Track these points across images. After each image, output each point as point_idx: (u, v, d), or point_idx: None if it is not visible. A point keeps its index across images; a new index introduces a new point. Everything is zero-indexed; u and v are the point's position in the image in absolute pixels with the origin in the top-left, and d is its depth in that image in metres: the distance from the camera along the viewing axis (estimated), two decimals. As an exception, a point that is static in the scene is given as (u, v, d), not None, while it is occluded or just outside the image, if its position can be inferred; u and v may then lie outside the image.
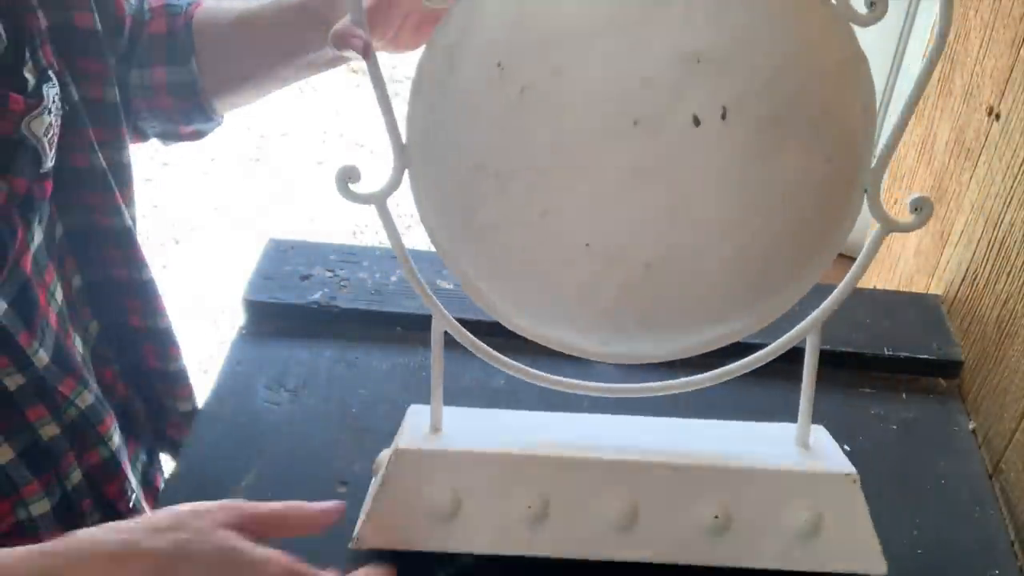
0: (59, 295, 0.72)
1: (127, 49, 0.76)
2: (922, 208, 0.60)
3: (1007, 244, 0.83)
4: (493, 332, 0.68)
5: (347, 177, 0.58)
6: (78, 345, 0.75)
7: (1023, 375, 0.77)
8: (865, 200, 0.60)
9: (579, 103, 0.54)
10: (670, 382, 0.68)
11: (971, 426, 0.83)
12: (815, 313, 0.64)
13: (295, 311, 0.88)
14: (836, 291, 0.64)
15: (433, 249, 0.63)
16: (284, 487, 0.72)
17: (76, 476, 0.73)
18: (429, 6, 0.55)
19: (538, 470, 0.66)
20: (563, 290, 0.61)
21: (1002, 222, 0.85)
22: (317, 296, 0.88)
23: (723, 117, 0.53)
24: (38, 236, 0.69)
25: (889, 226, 0.60)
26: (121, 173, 0.75)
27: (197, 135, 0.84)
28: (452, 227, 0.61)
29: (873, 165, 0.58)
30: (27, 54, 0.63)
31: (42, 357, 0.68)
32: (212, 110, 0.80)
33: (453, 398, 0.70)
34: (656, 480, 0.65)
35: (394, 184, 0.59)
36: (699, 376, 0.67)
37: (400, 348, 0.86)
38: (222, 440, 0.77)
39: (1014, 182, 0.83)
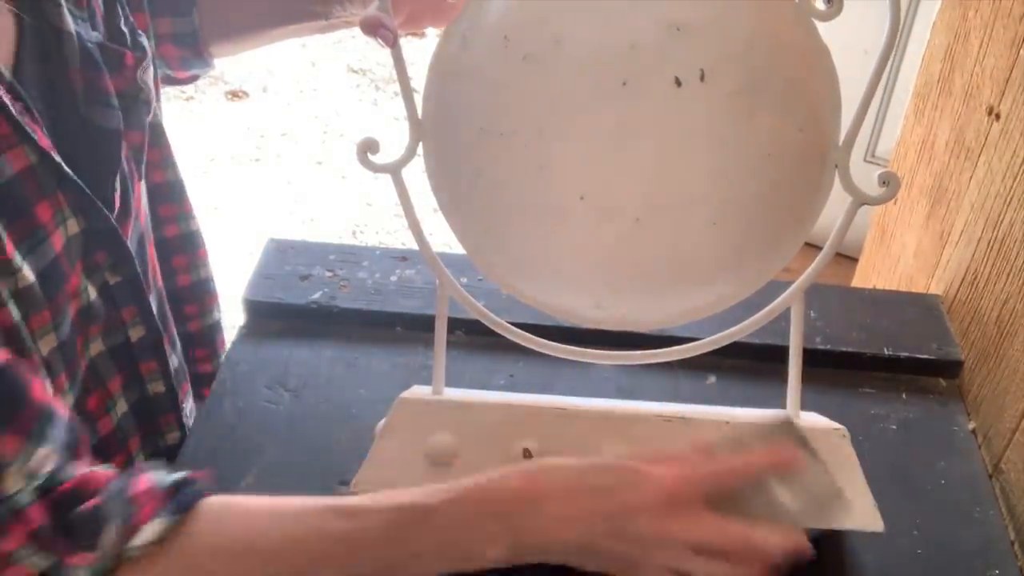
0: (154, 251, 0.74)
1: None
2: (889, 182, 0.63)
3: (1007, 244, 0.83)
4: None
5: (367, 148, 0.63)
6: (168, 311, 0.76)
7: (1023, 375, 0.77)
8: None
9: (574, 66, 0.59)
10: (673, 348, 0.70)
11: (971, 426, 0.83)
12: (798, 280, 0.67)
13: (295, 311, 0.88)
14: (816, 260, 0.67)
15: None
16: (284, 486, 0.72)
17: (174, 435, 0.75)
18: (449, 0, 0.62)
19: (535, 420, 0.69)
20: (560, 244, 0.65)
21: (1002, 222, 0.85)
22: (317, 296, 0.88)
23: (702, 79, 0.59)
24: (144, 194, 0.70)
25: (860, 199, 0.64)
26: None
27: (194, 79, 0.86)
28: (461, 190, 0.66)
29: (841, 142, 0.62)
30: (118, 9, 0.66)
31: (154, 310, 0.70)
32: (210, 56, 0.81)
33: (453, 398, 0.71)
34: (649, 431, 0.68)
35: (409, 155, 0.64)
36: (699, 342, 0.70)
37: (400, 348, 0.86)
38: (222, 440, 0.77)
39: (1014, 182, 0.83)
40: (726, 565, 0.57)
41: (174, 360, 0.75)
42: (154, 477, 0.54)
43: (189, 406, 0.80)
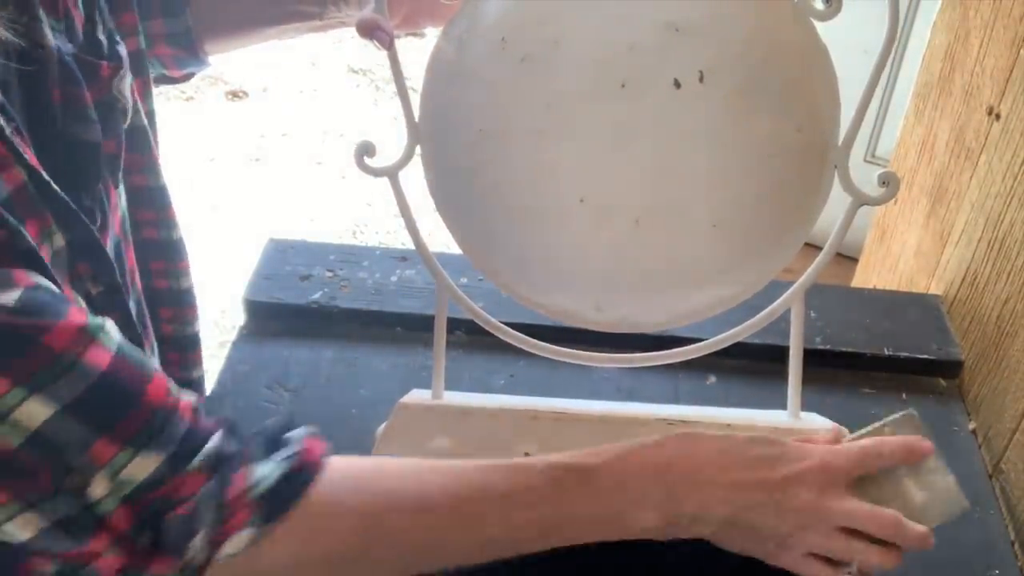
0: (133, 255, 0.73)
1: None
2: (889, 182, 0.63)
3: (1007, 244, 0.83)
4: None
5: (364, 152, 0.63)
6: (145, 311, 0.76)
7: (1023, 375, 0.77)
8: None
9: (572, 68, 0.59)
10: (673, 350, 0.70)
11: (971, 426, 0.83)
12: (799, 281, 0.67)
13: (295, 311, 0.88)
14: (816, 261, 0.67)
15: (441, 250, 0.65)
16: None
17: None
18: (446, 3, 0.61)
19: (534, 425, 0.69)
20: (559, 246, 0.65)
21: (1002, 222, 0.85)
22: (317, 296, 0.88)
23: (701, 80, 0.59)
24: (123, 198, 0.70)
25: (860, 199, 0.64)
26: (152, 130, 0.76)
27: (189, 77, 0.85)
28: (459, 193, 0.66)
29: (840, 143, 0.62)
30: (96, 16, 0.65)
31: (133, 315, 0.69)
32: (204, 54, 0.81)
33: (453, 398, 0.70)
34: (652, 434, 0.67)
35: (407, 158, 0.64)
36: (698, 344, 0.70)
37: (400, 348, 0.86)
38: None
39: (1014, 182, 0.83)
40: (872, 548, 0.59)
41: (155, 363, 0.75)
42: (256, 474, 0.52)
43: None
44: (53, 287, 0.50)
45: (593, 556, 0.67)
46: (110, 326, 0.50)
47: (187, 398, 0.53)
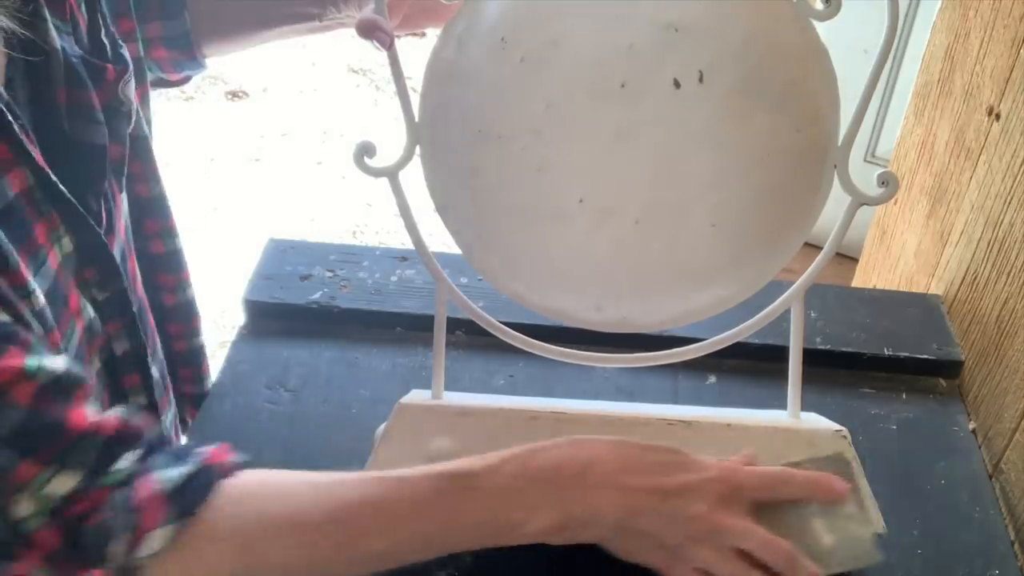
0: (135, 264, 0.73)
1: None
2: (888, 182, 0.63)
3: (1007, 244, 0.83)
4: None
5: (364, 152, 0.63)
6: (149, 319, 0.76)
7: (1023, 375, 0.77)
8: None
9: (572, 68, 0.59)
10: (673, 351, 0.70)
11: (971, 426, 0.83)
12: (799, 281, 0.67)
13: (295, 311, 0.88)
14: (816, 260, 0.66)
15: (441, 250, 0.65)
16: (284, 487, 0.72)
17: None
18: (445, 3, 0.61)
19: (535, 424, 0.69)
20: (559, 246, 0.65)
21: (1002, 222, 0.85)
22: (317, 296, 0.88)
23: (700, 80, 0.59)
24: (125, 204, 0.70)
25: (859, 199, 0.64)
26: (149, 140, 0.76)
27: (186, 80, 0.85)
28: (458, 194, 0.65)
29: (840, 143, 0.62)
30: (99, 20, 0.65)
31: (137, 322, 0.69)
32: (202, 57, 0.81)
33: (453, 398, 0.70)
34: (651, 435, 0.68)
35: (406, 158, 0.64)
36: (698, 344, 0.70)
37: (400, 348, 0.86)
38: (222, 440, 0.76)
39: (1014, 182, 0.83)
40: None
41: (155, 372, 0.75)
42: (161, 477, 0.53)
43: (168, 418, 0.79)
44: (5, 321, 0.50)
45: (592, 552, 0.67)
46: (48, 363, 0.51)
47: (111, 415, 0.53)
